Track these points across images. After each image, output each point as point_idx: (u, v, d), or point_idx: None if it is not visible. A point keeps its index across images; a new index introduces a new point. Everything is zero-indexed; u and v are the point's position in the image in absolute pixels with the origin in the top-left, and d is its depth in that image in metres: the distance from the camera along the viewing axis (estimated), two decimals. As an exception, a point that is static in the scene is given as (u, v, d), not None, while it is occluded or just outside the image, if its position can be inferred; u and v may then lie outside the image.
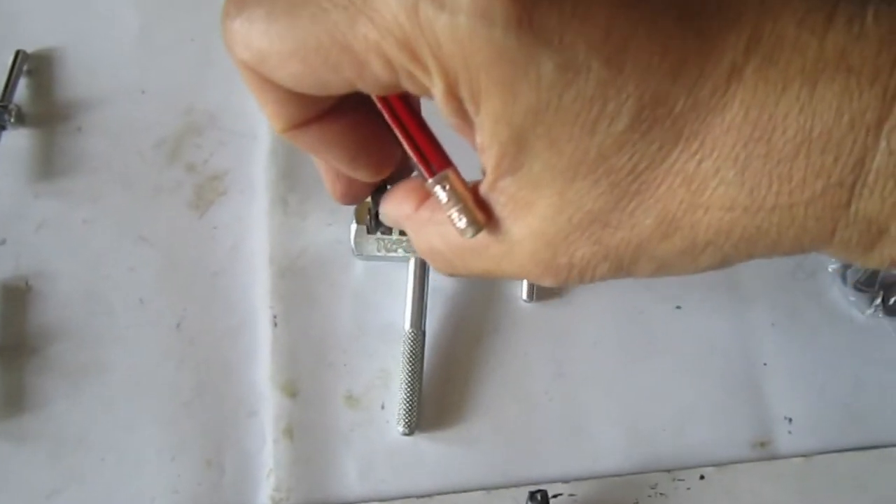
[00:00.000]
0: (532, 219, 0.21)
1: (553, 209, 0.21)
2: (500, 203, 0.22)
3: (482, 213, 0.22)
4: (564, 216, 0.21)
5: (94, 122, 0.40)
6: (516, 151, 0.20)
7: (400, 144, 0.24)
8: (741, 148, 0.19)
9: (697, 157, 0.19)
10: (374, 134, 0.25)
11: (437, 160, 0.23)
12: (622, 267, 0.21)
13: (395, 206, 0.27)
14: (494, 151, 0.20)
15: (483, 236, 0.22)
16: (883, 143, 0.18)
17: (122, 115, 0.40)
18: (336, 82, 0.21)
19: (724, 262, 0.21)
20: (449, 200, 0.22)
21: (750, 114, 0.18)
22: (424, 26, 0.18)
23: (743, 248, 0.20)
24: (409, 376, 0.35)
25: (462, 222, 0.22)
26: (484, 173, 0.22)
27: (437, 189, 0.22)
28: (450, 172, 0.23)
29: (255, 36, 0.21)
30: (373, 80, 0.20)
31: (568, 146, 0.19)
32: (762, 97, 0.18)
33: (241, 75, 0.22)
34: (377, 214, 0.30)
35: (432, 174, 0.23)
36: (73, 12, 0.42)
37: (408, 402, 0.35)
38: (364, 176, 0.27)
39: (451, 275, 0.26)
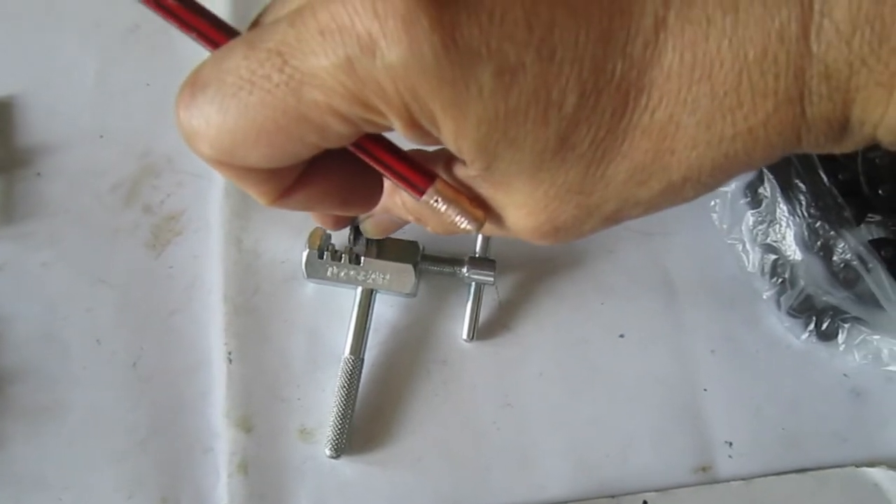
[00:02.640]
0: (513, 196, 0.23)
1: (529, 187, 0.22)
2: (483, 188, 0.24)
3: (480, 210, 0.24)
4: (540, 191, 0.22)
5: (52, 167, 0.41)
6: (482, 157, 0.21)
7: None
8: (686, 91, 0.19)
9: (649, 109, 0.20)
10: (355, 172, 0.26)
11: (420, 180, 0.24)
12: (609, 218, 0.23)
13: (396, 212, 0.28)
14: (464, 159, 0.22)
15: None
16: (814, 48, 0.19)
17: (80, 159, 0.41)
18: (304, 149, 0.22)
19: (707, 190, 0.22)
20: (447, 208, 0.24)
21: (685, 57, 0.19)
22: (364, 77, 0.19)
23: (720, 175, 0.21)
24: (343, 401, 0.36)
25: (465, 223, 0.24)
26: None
27: (433, 204, 0.24)
28: (438, 185, 0.24)
29: (215, 133, 0.21)
30: (336, 137, 0.21)
31: (527, 142, 0.20)
32: (691, 38, 0.19)
33: (213, 169, 0.23)
34: (357, 230, 0.32)
35: (422, 193, 0.24)
36: (31, 60, 0.43)
37: (338, 426, 0.36)
38: (359, 212, 0.28)
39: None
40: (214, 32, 0.23)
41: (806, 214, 0.36)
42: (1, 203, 0.41)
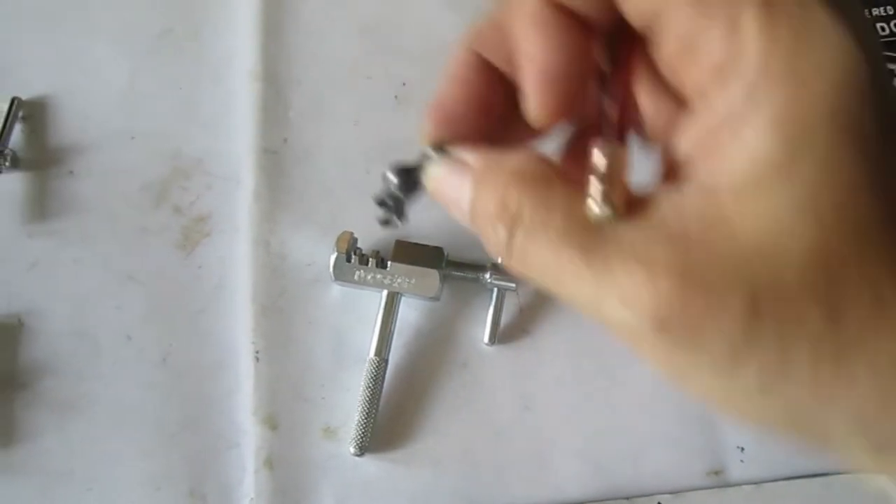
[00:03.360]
0: (720, 238, 0.17)
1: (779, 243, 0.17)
2: (680, 200, 0.18)
3: (626, 207, 0.19)
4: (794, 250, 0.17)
5: (85, 167, 0.42)
6: (785, 151, 0.17)
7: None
8: None
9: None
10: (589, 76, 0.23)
11: (623, 133, 0.21)
12: (720, 357, 0.18)
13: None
14: (751, 137, 0.17)
15: (594, 241, 0.19)
16: None
17: (111, 159, 0.42)
18: None
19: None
20: (605, 169, 0.19)
21: None
22: None
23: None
24: (367, 400, 0.37)
25: (598, 197, 0.19)
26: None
27: (601, 151, 0.19)
28: (628, 149, 0.20)
29: None
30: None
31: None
32: None
33: None
34: (396, 199, 0.25)
35: (617, 137, 0.21)
36: (66, 62, 0.44)
37: (362, 424, 0.37)
38: (556, 97, 0.22)
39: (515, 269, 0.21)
40: None
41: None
42: (34, 200, 0.42)
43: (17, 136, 0.42)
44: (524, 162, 0.20)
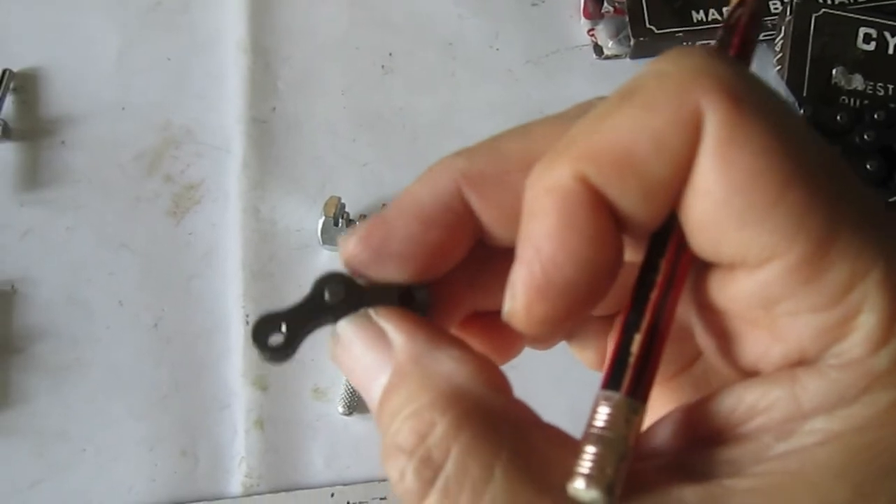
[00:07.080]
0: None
1: None
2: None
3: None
4: None
5: (76, 137, 0.43)
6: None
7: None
8: None
9: None
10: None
11: (643, 385, 0.15)
12: None
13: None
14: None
15: None
16: None
17: (103, 129, 0.43)
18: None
19: None
20: (604, 430, 0.14)
21: None
22: None
23: None
24: None
25: (591, 472, 0.14)
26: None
27: (608, 406, 0.15)
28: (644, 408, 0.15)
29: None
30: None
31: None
32: None
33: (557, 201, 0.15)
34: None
35: (628, 392, 0.15)
36: (57, 34, 0.45)
37: (350, 385, 0.38)
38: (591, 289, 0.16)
39: None
40: None
41: (798, 188, 0.38)
42: (26, 170, 0.42)
43: (8, 106, 0.43)
44: (464, 374, 0.15)
